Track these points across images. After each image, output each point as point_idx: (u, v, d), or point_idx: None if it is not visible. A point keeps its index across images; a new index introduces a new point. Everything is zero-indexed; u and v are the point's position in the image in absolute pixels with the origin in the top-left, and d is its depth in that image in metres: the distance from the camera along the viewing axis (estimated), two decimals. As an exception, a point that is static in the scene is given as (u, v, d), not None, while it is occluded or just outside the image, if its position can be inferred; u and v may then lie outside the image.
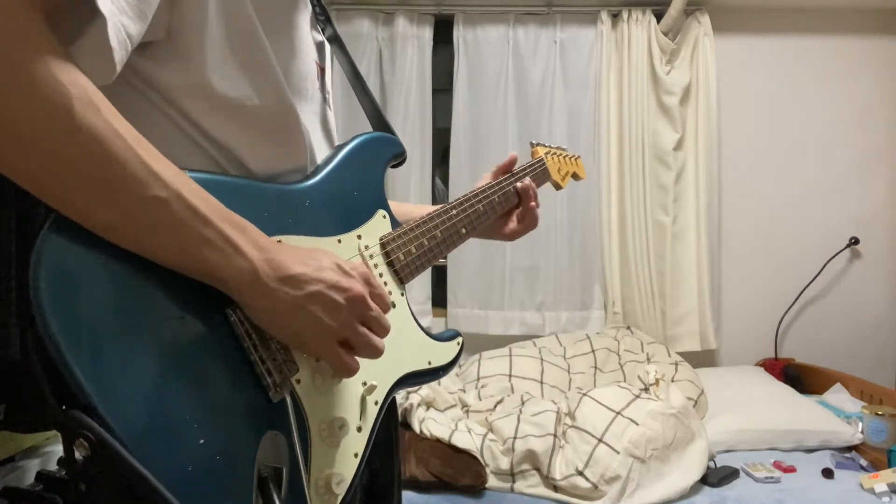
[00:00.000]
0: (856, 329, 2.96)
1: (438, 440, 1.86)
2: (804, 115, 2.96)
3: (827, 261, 2.93)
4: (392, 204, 0.83)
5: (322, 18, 0.81)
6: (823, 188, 2.97)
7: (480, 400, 2.24)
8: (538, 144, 1.18)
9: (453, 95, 2.89)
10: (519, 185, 1.04)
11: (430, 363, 0.80)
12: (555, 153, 1.20)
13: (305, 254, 0.62)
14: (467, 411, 2.16)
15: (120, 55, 0.53)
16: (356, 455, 0.68)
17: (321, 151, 0.77)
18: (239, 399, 0.58)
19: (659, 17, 2.84)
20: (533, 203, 1.04)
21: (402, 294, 0.79)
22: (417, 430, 1.90)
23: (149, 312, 0.53)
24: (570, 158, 1.25)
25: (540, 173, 1.13)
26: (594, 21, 2.88)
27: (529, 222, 1.06)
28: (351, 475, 0.67)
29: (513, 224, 1.05)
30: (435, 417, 1.97)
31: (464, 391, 2.33)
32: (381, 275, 0.76)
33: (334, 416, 0.66)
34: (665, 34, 2.85)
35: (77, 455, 0.48)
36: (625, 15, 2.83)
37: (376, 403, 0.72)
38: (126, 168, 0.51)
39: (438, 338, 0.83)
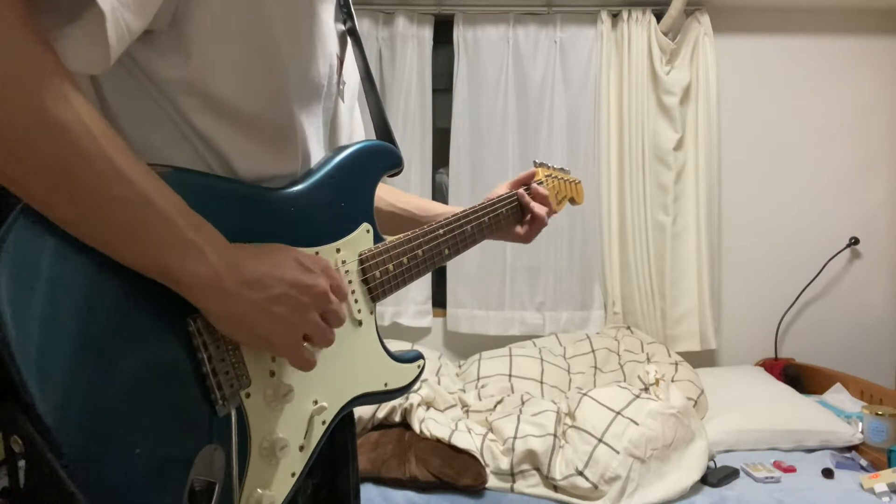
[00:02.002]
0: (856, 329, 2.95)
1: (438, 440, 1.85)
2: (804, 114, 2.95)
3: (827, 261, 2.93)
4: (389, 189, 0.81)
5: (345, 11, 0.80)
6: (823, 188, 2.96)
7: (480, 400, 2.24)
8: (540, 165, 1.19)
9: (453, 95, 2.89)
10: (519, 192, 1.06)
11: (385, 385, 0.79)
12: (555, 176, 1.20)
13: (264, 253, 0.61)
14: (467, 411, 2.16)
15: (117, 51, 0.52)
16: (293, 475, 0.67)
17: (320, 154, 0.75)
18: (184, 410, 0.57)
19: (659, 17, 2.84)
20: (544, 213, 1.07)
21: (372, 312, 0.78)
22: (417, 430, 1.90)
23: (107, 313, 0.52)
24: (571, 183, 1.24)
25: None
26: (594, 21, 2.87)
27: (537, 225, 1.07)
28: (283, 495, 0.66)
29: (520, 229, 1.07)
30: (435, 417, 1.97)
31: (464, 391, 2.33)
32: (353, 291, 0.75)
33: (278, 434, 0.65)
34: (665, 34, 2.84)
35: (15, 449, 0.47)
36: (625, 15, 2.83)
37: (324, 423, 0.71)
38: (90, 165, 0.50)
39: (400, 359, 0.82)
